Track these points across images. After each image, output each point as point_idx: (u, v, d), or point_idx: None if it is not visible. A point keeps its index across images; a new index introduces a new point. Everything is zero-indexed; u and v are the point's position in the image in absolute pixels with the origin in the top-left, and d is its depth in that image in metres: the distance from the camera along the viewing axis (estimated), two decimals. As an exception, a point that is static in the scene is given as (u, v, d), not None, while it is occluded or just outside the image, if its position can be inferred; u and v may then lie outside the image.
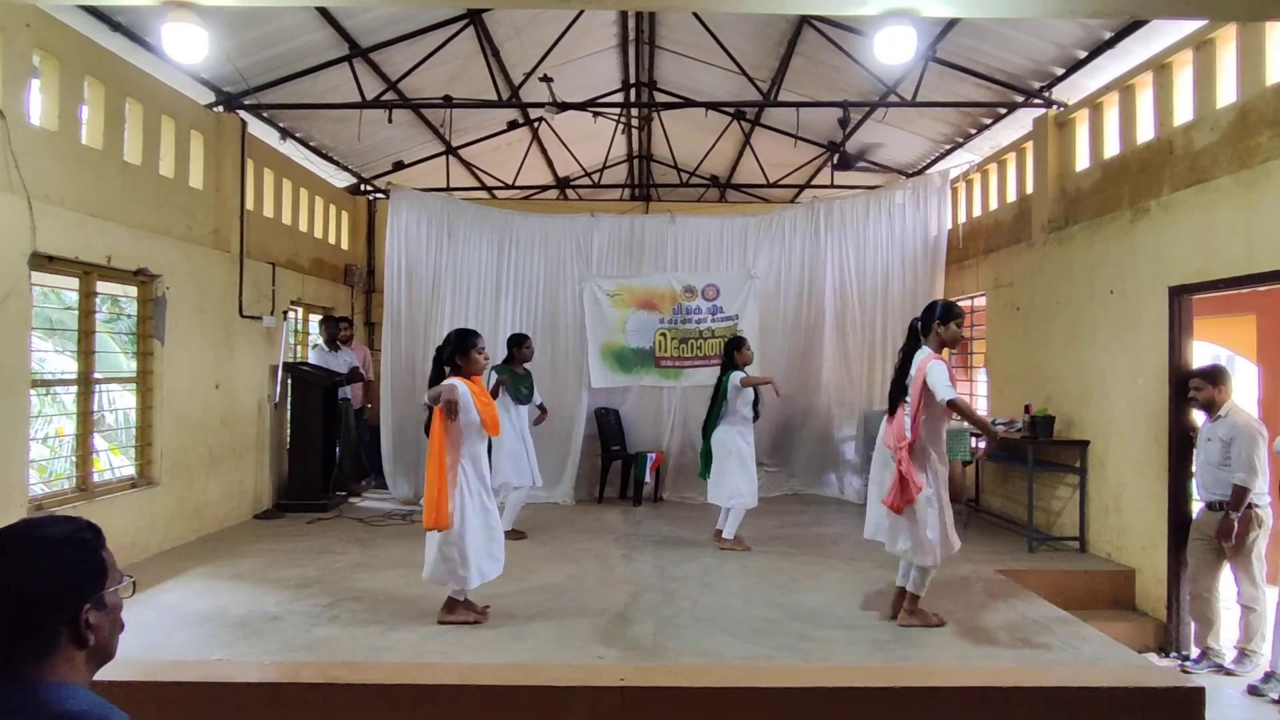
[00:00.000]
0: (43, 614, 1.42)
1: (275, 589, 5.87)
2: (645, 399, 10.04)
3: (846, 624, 5.24)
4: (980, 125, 9.51)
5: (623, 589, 5.99)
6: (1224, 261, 5.68)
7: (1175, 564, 6.12)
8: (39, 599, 1.41)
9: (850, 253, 10.05)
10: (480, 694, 3.86)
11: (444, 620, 5.11)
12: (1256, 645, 5.51)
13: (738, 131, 12.01)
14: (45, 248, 5.63)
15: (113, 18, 6.44)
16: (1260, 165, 5.37)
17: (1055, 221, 7.82)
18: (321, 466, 8.86)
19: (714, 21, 8.83)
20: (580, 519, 8.68)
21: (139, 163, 6.85)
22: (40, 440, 7.96)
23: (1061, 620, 5.30)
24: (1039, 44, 7.45)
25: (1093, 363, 7.14)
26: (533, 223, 10.14)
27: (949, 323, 5.12)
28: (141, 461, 6.95)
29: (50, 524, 1.48)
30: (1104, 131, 7.28)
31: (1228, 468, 5.46)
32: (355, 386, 9.82)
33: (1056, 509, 7.74)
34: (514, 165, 12.40)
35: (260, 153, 8.93)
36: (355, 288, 11.47)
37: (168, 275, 7.07)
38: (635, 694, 3.77)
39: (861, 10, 4.87)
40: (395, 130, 10.25)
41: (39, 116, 5.85)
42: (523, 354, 7.68)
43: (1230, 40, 5.77)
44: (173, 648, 4.71)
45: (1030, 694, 3.92)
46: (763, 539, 7.63)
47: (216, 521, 7.84)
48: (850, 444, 10.01)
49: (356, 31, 8.01)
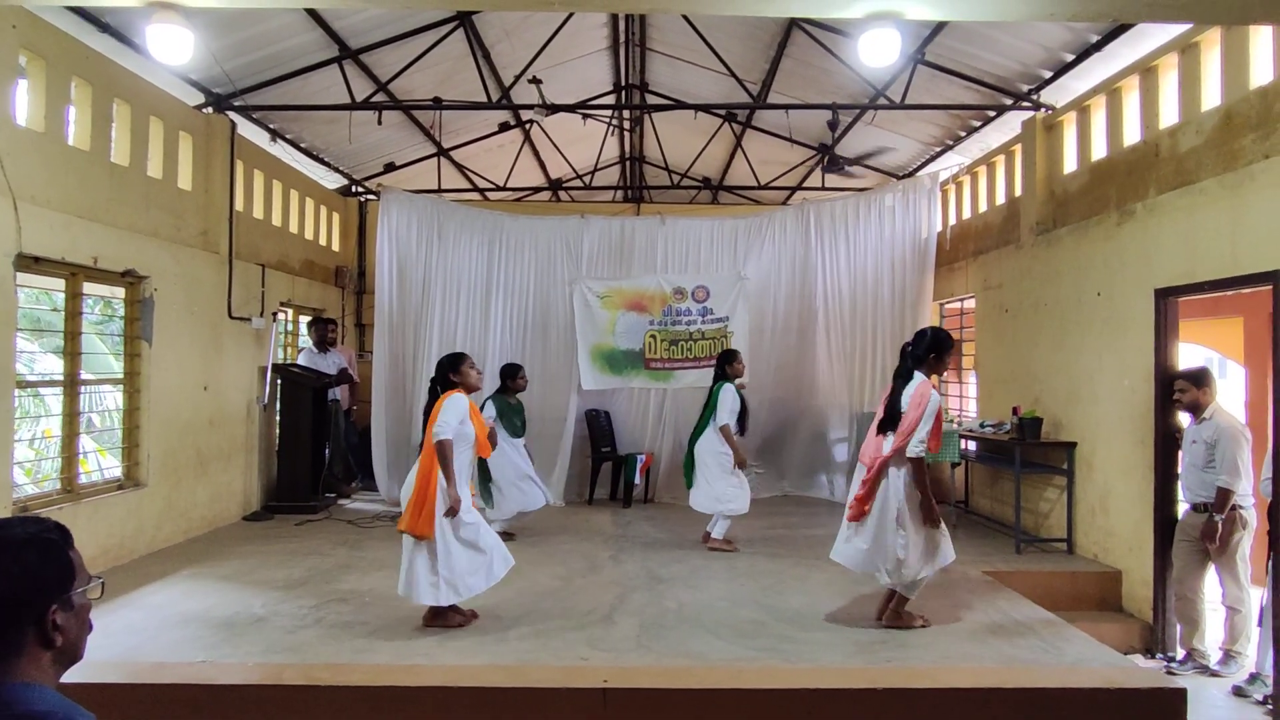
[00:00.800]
0: (5, 615, 1.41)
1: (262, 591, 5.85)
2: (635, 401, 10.04)
3: (831, 626, 5.24)
4: (969, 128, 9.54)
5: (609, 590, 5.99)
6: (1209, 264, 5.70)
7: (1161, 565, 6.14)
8: (1, 600, 1.40)
9: (840, 255, 10.05)
10: (463, 696, 3.86)
11: (430, 624, 5.10)
12: (1241, 646, 5.53)
13: (729, 134, 12.03)
14: (31, 249, 5.62)
15: (100, 19, 6.42)
16: (1244, 168, 5.40)
17: (1043, 224, 7.85)
18: (310, 468, 8.84)
19: (704, 24, 8.85)
20: (569, 520, 8.67)
21: (127, 164, 6.83)
22: (27, 442, 7.95)
23: (1046, 621, 5.31)
24: (1027, 47, 7.48)
25: (1080, 365, 7.16)
26: (522, 224, 10.15)
27: (943, 356, 5.13)
28: (129, 463, 6.93)
29: (15, 525, 1.47)
30: (1091, 134, 7.31)
31: (1212, 470, 5.48)
32: (344, 388, 9.81)
33: (1044, 510, 7.76)
34: (506, 167, 12.40)
35: (250, 154, 8.91)
36: (346, 289, 11.46)
37: (156, 276, 7.05)
38: (617, 695, 3.77)
39: (847, 12, 4.88)
40: (386, 132, 10.24)
41: (25, 117, 5.84)
42: (516, 385, 7.60)
43: (1215, 44, 5.80)
44: (158, 649, 4.70)
45: (1013, 695, 3.93)
46: (752, 540, 7.64)
47: (205, 523, 7.83)
48: (842, 445, 10.02)
49: (346, 33, 8.01)
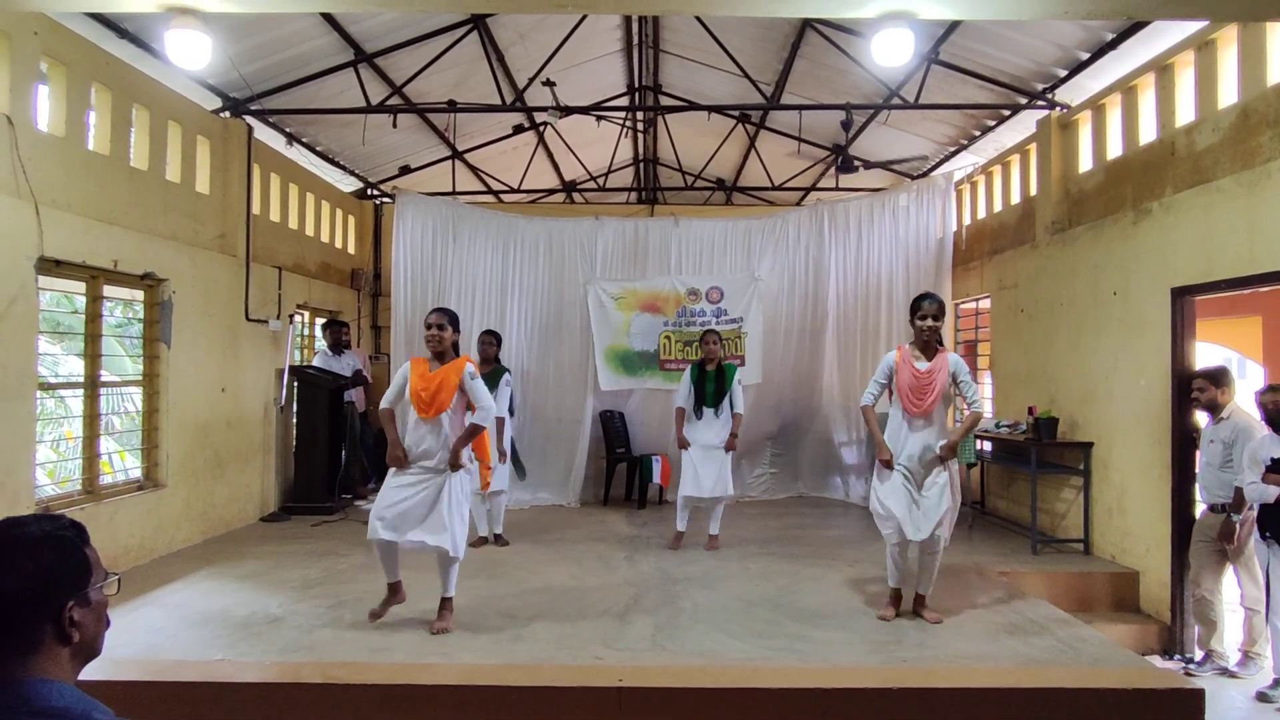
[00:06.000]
0: (23, 611, 1.43)
1: (279, 590, 5.90)
2: (650, 401, 10.04)
3: (846, 625, 5.24)
4: (984, 127, 9.51)
5: (624, 590, 6.00)
6: (1226, 262, 5.66)
7: (1179, 566, 6.10)
8: (17, 597, 1.42)
9: (854, 255, 10.02)
10: (479, 694, 3.87)
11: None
12: (1260, 648, 5.48)
13: (742, 135, 12.03)
14: (52, 252, 5.69)
15: (120, 24, 6.51)
16: (1261, 166, 5.36)
17: (1059, 223, 7.81)
18: (327, 469, 8.90)
19: (717, 25, 8.85)
20: (584, 521, 8.69)
21: (145, 168, 6.91)
22: (50, 444, 8.04)
23: (1062, 621, 5.29)
24: (1041, 46, 7.45)
25: (1096, 364, 7.12)
26: (537, 226, 10.17)
27: (912, 319, 5.38)
28: (148, 464, 7.00)
29: (31, 522, 1.50)
30: (1106, 133, 7.27)
31: (1229, 470, 5.44)
32: (359, 390, 9.87)
33: (1061, 511, 7.72)
34: (520, 169, 12.44)
35: (266, 157, 8.99)
36: (362, 292, 11.53)
37: (174, 279, 7.12)
38: (632, 694, 3.77)
39: (861, 12, 4.87)
40: (401, 135, 10.31)
41: (46, 122, 5.91)
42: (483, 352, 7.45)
43: (1231, 41, 5.76)
44: (177, 647, 4.75)
45: (1029, 695, 3.91)
46: (767, 540, 7.64)
47: (223, 524, 7.89)
48: (856, 448, 9.99)
49: (361, 37, 8.07)
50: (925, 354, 5.28)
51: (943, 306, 5.40)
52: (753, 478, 10.17)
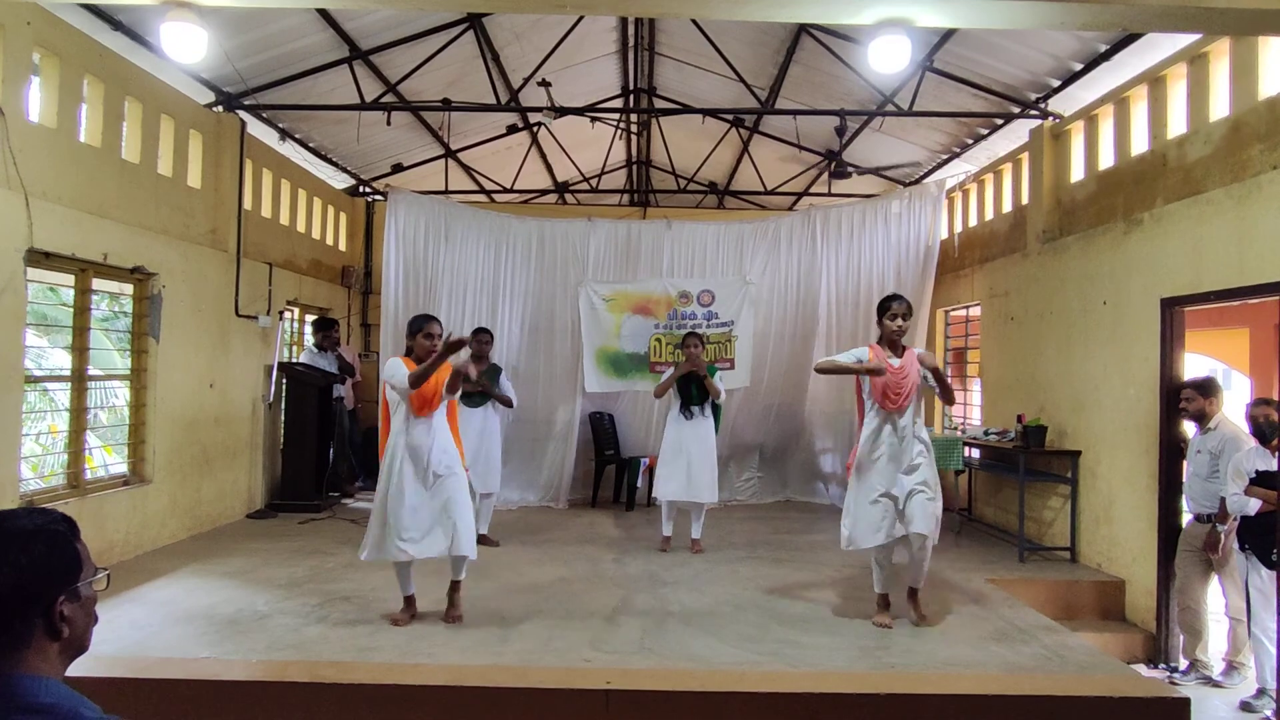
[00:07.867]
0: (13, 606, 1.41)
1: (265, 588, 5.87)
2: (639, 404, 10.03)
3: (834, 630, 5.24)
4: (977, 135, 9.55)
5: (612, 592, 6.00)
6: (1215, 274, 5.70)
7: (1165, 575, 6.13)
8: (9, 591, 1.41)
9: (846, 260, 10.03)
10: (466, 695, 3.86)
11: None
12: (1245, 658, 5.52)
13: (736, 139, 12.04)
14: (42, 244, 5.65)
15: (114, 16, 6.45)
16: (1252, 178, 5.40)
17: (1050, 232, 7.85)
18: (315, 467, 8.86)
19: (713, 29, 8.86)
20: (573, 522, 8.69)
21: (137, 161, 6.87)
22: (34, 437, 7.98)
23: (1048, 629, 5.31)
24: (1036, 55, 7.48)
25: (1085, 373, 7.16)
26: (529, 226, 10.15)
27: (880, 319, 5.46)
28: (134, 459, 6.96)
29: (23, 516, 1.48)
30: (1099, 143, 7.31)
31: (1216, 480, 5.47)
32: (348, 387, 9.82)
33: (1048, 519, 7.75)
34: (513, 169, 12.42)
35: (259, 153, 8.95)
36: (352, 289, 11.49)
37: (164, 274, 7.08)
38: (620, 697, 3.77)
39: (857, 19, 4.89)
40: (394, 133, 10.28)
41: (38, 114, 5.87)
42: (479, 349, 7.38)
43: (1224, 54, 5.80)
44: (162, 645, 4.72)
45: (1015, 702, 3.92)
46: (754, 544, 7.64)
47: (209, 520, 7.85)
48: (836, 455, 9.99)
49: (357, 34, 8.04)
50: (895, 352, 5.40)
51: (910, 307, 5.56)
52: (740, 482, 10.17)
